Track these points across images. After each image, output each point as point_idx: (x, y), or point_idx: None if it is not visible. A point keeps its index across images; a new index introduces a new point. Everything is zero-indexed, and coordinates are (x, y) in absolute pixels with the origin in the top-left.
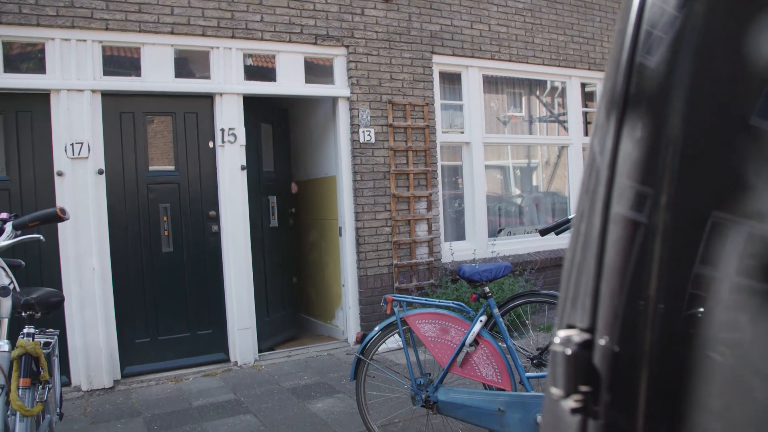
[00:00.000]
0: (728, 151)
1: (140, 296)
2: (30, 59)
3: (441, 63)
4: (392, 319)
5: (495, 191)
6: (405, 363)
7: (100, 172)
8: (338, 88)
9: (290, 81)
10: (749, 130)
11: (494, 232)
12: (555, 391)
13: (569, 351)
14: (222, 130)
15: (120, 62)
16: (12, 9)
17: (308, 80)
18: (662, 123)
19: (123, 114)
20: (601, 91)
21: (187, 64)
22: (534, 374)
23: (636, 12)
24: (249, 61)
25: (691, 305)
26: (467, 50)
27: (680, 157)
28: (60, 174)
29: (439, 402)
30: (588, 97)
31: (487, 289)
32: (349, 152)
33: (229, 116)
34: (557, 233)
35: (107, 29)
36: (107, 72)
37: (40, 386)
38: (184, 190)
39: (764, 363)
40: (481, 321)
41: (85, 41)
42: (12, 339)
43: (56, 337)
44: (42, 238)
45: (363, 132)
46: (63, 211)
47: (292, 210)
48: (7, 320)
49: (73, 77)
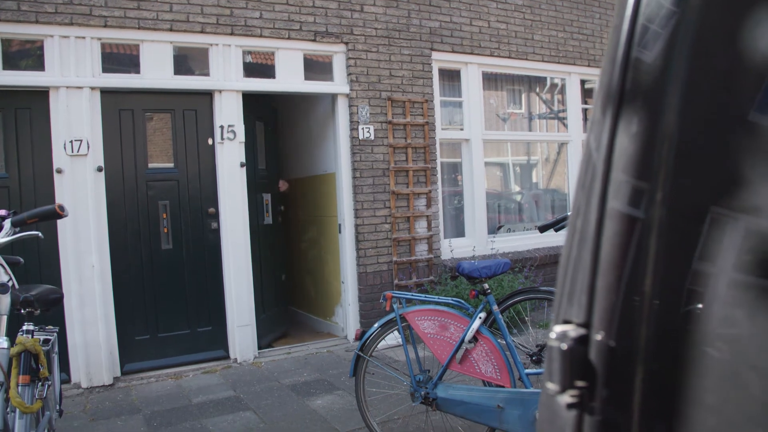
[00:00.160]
0: (724, 146)
1: (140, 293)
2: (29, 56)
3: (440, 60)
4: (391, 316)
5: (494, 188)
6: (404, 360)
7: (100, 170)
8: (337, 85)
9: (289, 78)
10: (745, 125)
11: (494, 229)
12: (551, 387)
13: (565, 346)
14: (221, 127)
15: (119, 59)
16: (10, 6)
17: (307, 77)
18: (658, 118)
19: (122, 111)
20: (597, 86)
21: (186, 61)
22: (533, 371)
23: (632, 6)
24: (248, 58)
25: (687, 301)
26: (466, 47)
27: (676, 152)
28: (59, 171)
29: (439, 399)
30: (588, 94)
31: (486, 286)
32: (349, 149)
33: (229, 113)
34: (556, 230)
35: (106, 26)
36: (106, 69)
37: (40, 383)
38: (184, 188)
39: (760, 359)
40: (480, 318)
41: (84, 38)
42: (11, 336)
43: (55, 334)
44: (40, 235)
45: (362, 129)
46: (62, 208)
47: (281, 208)
48: (6, 317)
49: (72, 74)
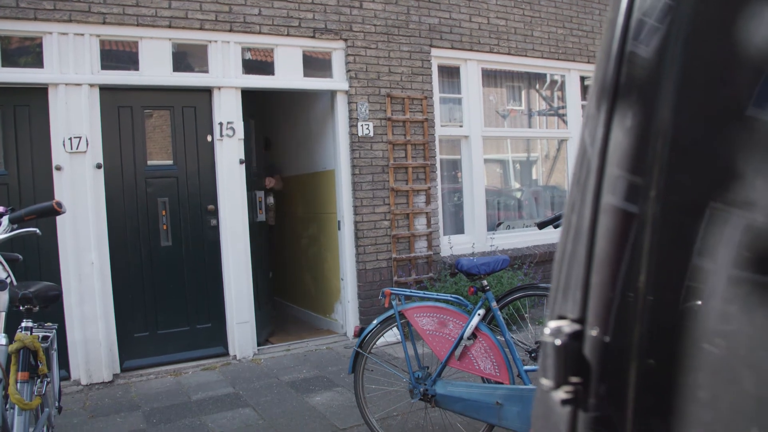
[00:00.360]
0: (719, 141)
1: (139, 290)
2: (28, 53)
3: (439, 56)
4: (390, 313)
5: (494, 185)
6: (403, 356)
7: (99, 167)
8: (337, 82)
9: (289, 75)
10: (740, 120)
11: (493, 226)
12: (545, 383)
13: (559, 342)
14: (220, 124)
15: (118, 56)
16: (9, 3)
17: (307, 74)
18: (653, 112)
19: (121, 108)
20: (592, 81)
21: (185, 58)
22: (532, 367)
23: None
24: (247, 55)
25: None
26: (466, 43)
27: (671, 147)
28: (58, 168)
29: (438, 395)
30: (587, 91)
31: (485, 283)
32: (348, 146)
33: (228, 110)
34: (555, 227)
35: (105, 23)
36: (105, 66)
37: (39, 380)
38: (183, 184)
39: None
40: (479, 314)
41: (83, 35)
42: (10, 333)
43: (54, 331)
44: (38, 232)
45: (361, 125)
46: (59, 205)
47: (271, 204)
48: (5, 314)
49: (71, 71)
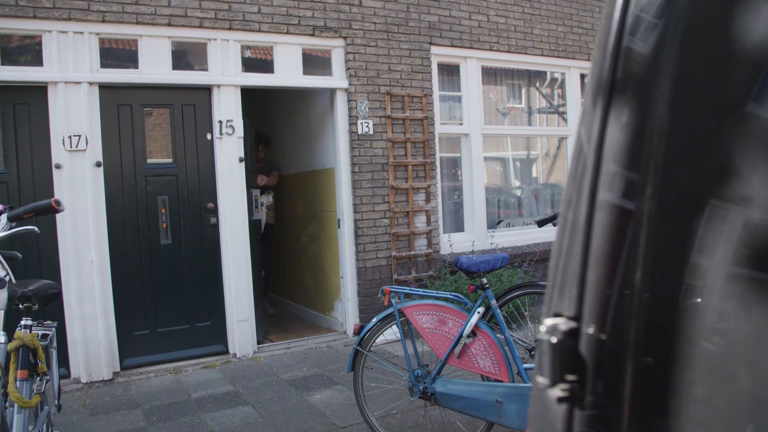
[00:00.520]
0: (715, 137)
1: (139, 289)
2: (27, 52)
3: (439, 54)
4: (390, 311)
5: (494, 183)
6: (403, 354)
7: (98, 165)
8: (336, 80)
9: (288, 73)
10: (736, 116)
11: (493, 224)
12: (541, 380)
13: (555, 339)
14: (220, 122)
15: (117, 54)
16: (8, 1)
17: (306, 72)
18: (649, 108)
19: (121, 106)
20: (589, 77)
21: (185, 56)
22: (532, 365)
23: None
24: (247, 53)
25: (678, 294)
26: (466, 41)
27: (666, 143)
28: (58, 167)
29: (437, 393)
30: None
31: (485, 281)
32: (348, 144)
33: (227, 108)
34: (555, 224)
35: (104, 21)
36: (104, 64)
37: (38, 378)
38: (182, 183)
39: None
40: (479, 312)
41: (82, 33)
42: (9, 331)
43: (54, 329)
44: (37, 230)
45: (361, 123)
46: (57, 203)
47: (262, 202)
48: (4, 312)
49: (71, 69)
